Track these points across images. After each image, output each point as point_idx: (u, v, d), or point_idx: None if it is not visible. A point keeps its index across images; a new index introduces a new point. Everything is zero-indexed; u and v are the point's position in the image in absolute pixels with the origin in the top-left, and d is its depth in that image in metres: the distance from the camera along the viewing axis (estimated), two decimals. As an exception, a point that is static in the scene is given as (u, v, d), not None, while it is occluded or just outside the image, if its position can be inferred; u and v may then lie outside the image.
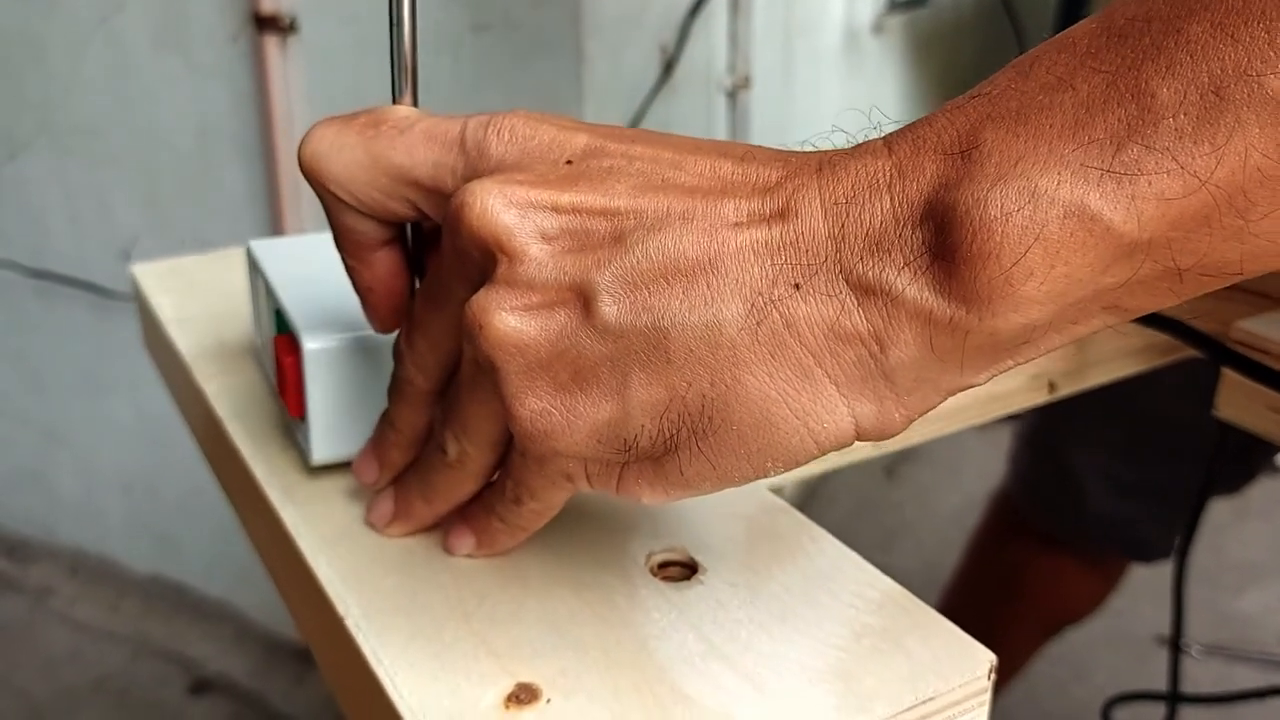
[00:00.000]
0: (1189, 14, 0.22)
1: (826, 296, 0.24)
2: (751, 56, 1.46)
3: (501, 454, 0.32)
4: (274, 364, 0.38)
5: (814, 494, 1.82)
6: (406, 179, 0.30)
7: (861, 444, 0.27)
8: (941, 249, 0.23)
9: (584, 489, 0.29)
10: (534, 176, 0.28)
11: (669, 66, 1.36)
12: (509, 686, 0.28)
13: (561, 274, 0.26)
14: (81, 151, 1.31)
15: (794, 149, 0.28)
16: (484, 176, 0.28)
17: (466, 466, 0.32)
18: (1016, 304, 0.23)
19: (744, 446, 0.26)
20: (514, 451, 0.30)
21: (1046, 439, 1.04)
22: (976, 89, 0.25)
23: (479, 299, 0.27)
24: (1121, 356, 0.53)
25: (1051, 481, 1.04)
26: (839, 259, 0.24)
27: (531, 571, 0.33)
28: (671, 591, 0.32)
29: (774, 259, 0.25)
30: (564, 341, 0.26)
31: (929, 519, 1.83)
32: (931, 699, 0.28)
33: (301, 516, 0.35)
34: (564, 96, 1.26)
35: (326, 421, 0.36)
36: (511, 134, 0.29)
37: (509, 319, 0.27)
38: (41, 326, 1.43)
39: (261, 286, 0.41)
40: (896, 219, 0.24)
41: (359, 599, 0.31)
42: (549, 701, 0.28)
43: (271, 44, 1.19)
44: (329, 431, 0.36)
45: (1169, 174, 0.22)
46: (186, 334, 0.47)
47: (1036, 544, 1.06)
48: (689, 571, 0.33)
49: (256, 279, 0.42)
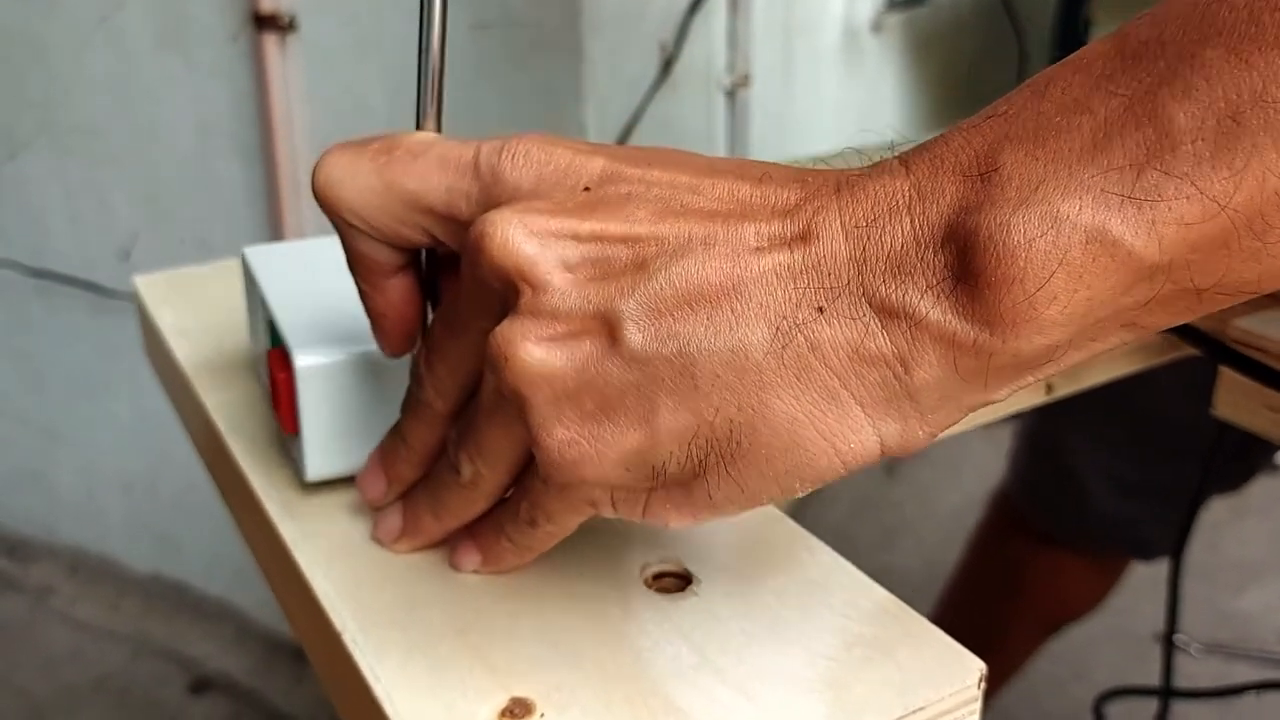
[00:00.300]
0: (1203, 39, 0.22)
1: (850, 319, 0.25)
2: (751, 55, 1.46)
3: (515, 476, 0.31)
4: (268, 378, 0.38)
5: (814, 493, 1.81)
6: (420, 205, 0.30)
7: None
8: (964, 273, 0.23)
9: (607, 515, 0.29)
10: (553, 205, 0.28)
11: (668, 65, 1.36)
12: (504, 701, 0.28)
13: (585, 303, 0.26)
14: (82, 151, 1.31)
15: (808, 166, 0.28)
16: (502, 205, 0.28)
17: (480, 487, 0.32)
18: (1040, 327, 0.23)
19: (772, 468, 0.26)
20: (534, 477, 0.30)
21: (1046, 438, 1.04)
22: (991, 108, 0.25)
23: (504, 330, 0.27)
24: (1119, 355, 0.53)
25: (1051, 480, 1.04)
26: (861, 281, 0.25)
27: (527, 584, 0.33)
28: (666, 603, 0.32)
29: (797, 283, 0.25)
30: (590, 371, 0.26)
31: (929, 518, 1.83)
32: (922, 708, 0.29)
33: (299, 531, 0.35)
34: (563, 95, 1.27)
35: (320, 438, 0.36)
36: (526, 159, 0.29)
37: (535, 350, 0.27)
38: (41, 326, 1.43)
39: (256, 297, 0.40)
40: (918, 241, 0.24)
41: (355, 613, 0.32)
42: (543, 716, 0.28)
43: (271, 43, 1.19)
44: (323, 448, 0.36)
45: (1188, 199, 0.22)
46: (187, 345, 0.47)
47: (1036, 542, 1.06)
48: (683, 582, 0.33)
49: (252, 289, 0.41)
